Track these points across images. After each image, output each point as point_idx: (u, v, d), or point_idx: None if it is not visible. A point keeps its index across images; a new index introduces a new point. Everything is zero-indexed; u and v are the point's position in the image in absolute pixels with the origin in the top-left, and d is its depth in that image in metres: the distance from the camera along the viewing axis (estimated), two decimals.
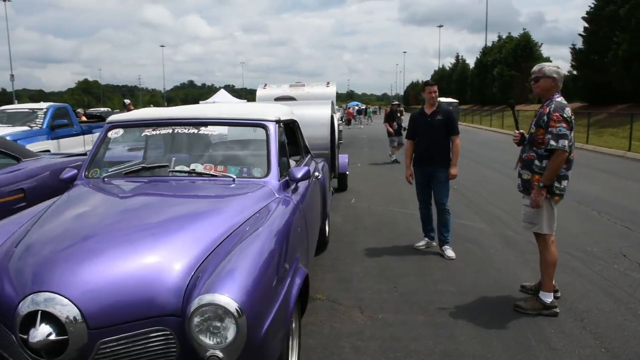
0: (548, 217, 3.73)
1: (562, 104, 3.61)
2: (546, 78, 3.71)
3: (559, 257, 4.92)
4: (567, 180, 3.71)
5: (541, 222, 3.74)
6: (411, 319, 3.63)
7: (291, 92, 10.46)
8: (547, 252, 3.78)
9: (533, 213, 3.75)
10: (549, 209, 3.72)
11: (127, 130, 3.59)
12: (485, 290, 4.19)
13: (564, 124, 3.51)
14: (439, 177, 5.14)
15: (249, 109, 3.69)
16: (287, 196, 3.11)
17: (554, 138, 3.50)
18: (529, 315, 3.67)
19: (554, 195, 3.68)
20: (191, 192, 2.99)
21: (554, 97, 3.69)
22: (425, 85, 5.17)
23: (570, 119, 3.59)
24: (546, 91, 3.73)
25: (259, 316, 1.96)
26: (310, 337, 3.36)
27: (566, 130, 3.50)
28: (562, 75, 3.76)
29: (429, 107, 5.21)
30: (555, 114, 3.54)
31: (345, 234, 6.08)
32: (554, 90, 3.71)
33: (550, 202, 3.71)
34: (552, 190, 3.66)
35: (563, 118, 3.52)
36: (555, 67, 3.75)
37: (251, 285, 1.97)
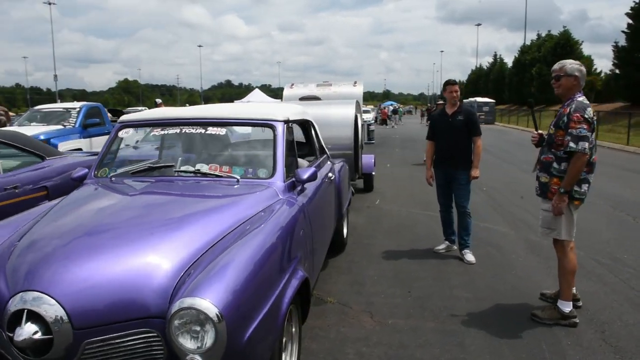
0: (567, 222, 3.56)
1: (583, 104, 3.44)
2: (568, 77, 3.54)
3: (585, 264, 4.75)
4: (588, 184, 3.53)
5: (559, 228, 3.57)
6: (421, 325, 3.53)
7: (318, 91, 10.41)
8: (565, 259, 3.60)
9: (551, 218, 3.59)
10: (568, 214, 3.54)
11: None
12: (503, 297, 4.04)
13: (584, 125, 3.33)
14: (459, 179, 5.00)
15: (257, 109, 3.66)
16: (292, 197, 3.07)
17: (573, 140, 3.33)
18: (545, 325, 3.51)
19: (574, 199, 3.51)
20: (193, 192, 2.98)
21: (575, 96, 3.52)
22: (446, 85, 5.03)
23: (592, 120, 3.41)
24: (568, 90, 3.55)
25: (241, 322, 1.92)
26: (314, 342, 3.31)
27: (587, 132, 3.33)
28: (585, 73, 3.57)
29: (450, 107, 5.07)
30: (576, 114, 3.37)
31: (365, 235, 6.00)
32: (576, 89, 3.54)
33: (569, 207, 3.53)
34: (572, 194, 3.48)
35: (584, 119, 3.35)
36: (577, 65, 3.57)
37: (235, 290, 1.93)
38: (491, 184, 9.66)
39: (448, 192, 5.15)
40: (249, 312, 1.98)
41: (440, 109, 5.26)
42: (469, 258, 4.93)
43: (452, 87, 4.96)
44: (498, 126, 35.67)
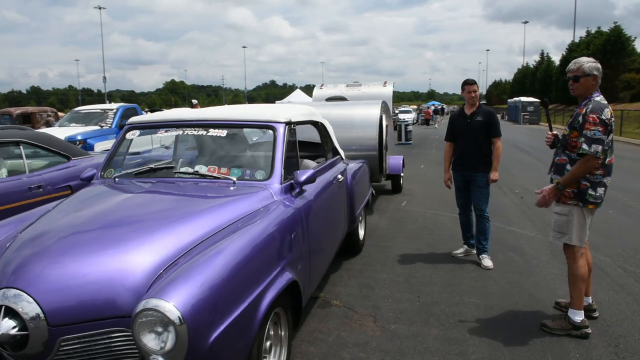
0: (579, 227, 3.40)
1: (600, 105, 3.27)
2: (587, 77, 3.36)
3: (610, 271, 4.53)
4: (604, 188, 3.37)
5: (571, 233, 3.42)
6: (424, 332, 3.44)
7: (347, 92, 10.36)
8: (575, 266, 3.44)
9: (563, 222, 3.45)
10: (580, 218, 3.39)
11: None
12: (515, 305, 3.89)
13: (600, 127, 3.17)
14: (477, 182, 4.85)
15: (259, 110, 3.67)
16: (288, 199, 3.05)
17: (587, 142, 3.18)
18: (555, 335, 3.36)
19: (587, 203, 3.35)
20: (187, 194, 3.02)
21: (593, 96, 3.35)
22: (464, 84, 4.89)
23: (609, 122, 3.24)
24: (586, 90, 3.38)
25: (206, 325, 1.92)
26: (312, 345, 3.29)
27: (602, 135, 3.17)
28: (602, 72, 3.40)
29: (469, 108, 4.93)
30: (592, 115, 3.21)
31: (384, 238, 5.92)
32: (594, 88, 3.37)
33: (582, 211, 3.38)
34: (585, 197, 3.33)
35: (600, 121, 3.18)
36: (594, 63, 3.39)
37: (202, 293, 1.94)
38: (524, 186, 9.35)
39: (467, 195, 5.02)
40: (216, 315, 1.99)
41: (459, 109, 5.13)
42: (486, 263, 4.78)
43: (470, 87, 4.83)
44: (542, 126, 34.44)
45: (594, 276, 4.44)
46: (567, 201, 3.42)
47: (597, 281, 4.34)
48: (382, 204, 8.04)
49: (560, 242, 3.54)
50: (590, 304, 3.65)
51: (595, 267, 4.69)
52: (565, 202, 3.43)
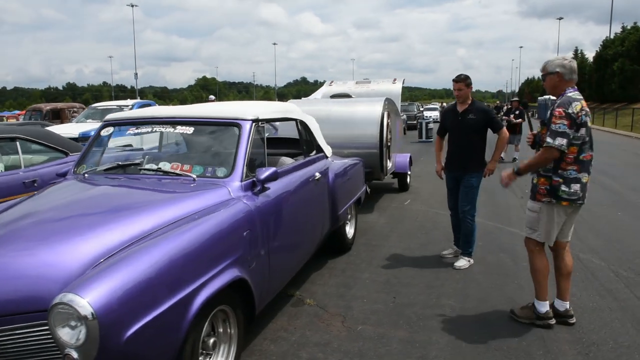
0: (547, 224, 3.37)
1: (570, 99, 3.24)
2: (550, 75, 3.39)
3: (601, 276, 4.38)
4: (580, 185, 3.30)
5: (540, 229, 3.40)
6: (390, 334, 3.38)
7: (356, 89, 10.26)
8: (533, 259, 3.52)
9: (534, 218, 3.43)
10: (550, 215, 3.34)
11: None
12: (492, 308, 3.78)
13: (565, 120, 3.16)
14: (465, 182, 4.72)
15: (227, 107, 3.66)
16: (247, 197, 3.04)
17: (551, 135, 3.19)
18: (522, 341, 3.25)
19: (560, 200, 3.29)
20: (145, 190, 3.04)
21: (566, 91, 3.33)
22: (453, 81, 4.75)
23: (576, 116, 3.19)
24: (554, 88, 3.41)
25: (122, 321, 1.93)
26: (274, 343, 3.28)
27: (567, 128, 3.15)
28: (571, 67, 3.35)
29: (460, 105, 4.78)
30: (558, 109, 3.22)
31: (377, 236, 5.85)
32: (563, 85, 3.36)
33: (554, 208, 3.32)
34: (558, 194, 3.28)
35: (566, 114, 3.17)
36: (559, 60, 3.39)
37: (120, 289, 1.95)
38: None
39: (456, 197, 4.90)
40: (135, 311, 1.99)
41: (451, 105, 4.98)
42: (458, 263, 4.71)
43: (454, 85, 4.70)
44: None
45: (583, 280, 4.30)
46: (541, 198, 3.38)
47: (585, 285, 4.19)
48: (384, 202, 7.96)
49: (531, 237, 3.50)
50: (567, 309, 3.53)
51: (587, 271, 4.54)
52: (539, 200, 3.39)
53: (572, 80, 3.36)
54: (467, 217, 4.75)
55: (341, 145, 7.27)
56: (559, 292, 3.56)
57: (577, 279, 4.33)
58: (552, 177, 3.32)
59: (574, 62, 3.40)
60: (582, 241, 5.49)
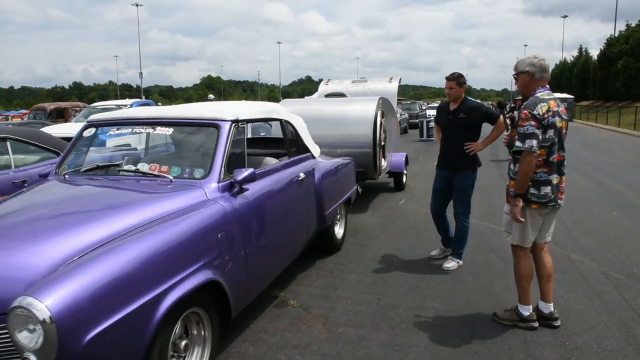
0: (520, 228, 3.33)
1: (536, 100, 3.20)
2: (521, 74, 3.34)
3: (590, 278, 4.34)
4: (551, 187, 3.25)
5: (514, 232, 3.38)
6: (370, 336, 3.35)
7: (353, 88, 10.22)
8: (517, 264, 3.47)
9: (508, 221, 3.41)
10: (522, 218, 3.28)
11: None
12: (477, 310, 3.73)
13: (532, 122, 3.12)
14: (458, 183, 4.64)
15: (207, 108, 3.64)
16: (224, 198, 3.01)
17: (520, 138, 3.14)
18: (504, 345, 3.21)
19: (530, 203, 3.25)
20: (121, 191, 3.02)
21: (536, 92, 3.29)
22: (445, 79, 4.70)
23: (543, 117, 3.14)
24: (525, 87, 3.36)
25: (81, 325, 1.91)
26: (253, 345, 3.25)
27: (535, 129, 3.11)
28: (542, 65, 3.29)
29: (452, 104, 4.71)
30: (524, 111, 3.18)
31: (368, 237, 5.81)
32: (534, 84, 3.31)
33: (525, 211, 3.28)
34: (527, 197, 3.24)
35: (532, 115, 3.13)
36: (529, 59, 3.33)
37: (81, 292, 1.94)
38: None
39: (442, 199, 4.84)
40: (96, 314, 1.97)
41: (446, 102, 4.86)
42: (447, 264, 4.66)
43: (446, 83, 4.63)
44: (576, 123, 33.23)
45: (572, 282, 4.25)
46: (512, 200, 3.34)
47: (573, 287, 4.14)
48: (379, 201, 7.92)
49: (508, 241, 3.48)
50: (551, 312, 3.48)
51: (577, 273, 4.49)
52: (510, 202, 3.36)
53: (543, 79, 3.31)
54: (461, 218, 4.68)
55: (335, 144, 7.24)
56: (542, 294, 3.52)
57: (566, 280, 4.29)
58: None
59: (545, 61, 3.34)
60: (575, 242, 5.44)
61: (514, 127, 3.38)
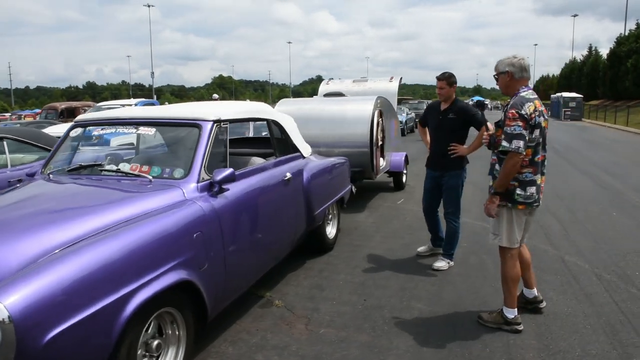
0: (508, 228, 3.30)
1: (523, 99, 3.16)
2: (501, 74, 3.33)
3: (581, 279, 4.29)
4: (535, 187, 3.24)
5: (501, 234, 3.33)
6: (351, 338, 3.32)
7: (353, 87, 10.18)
8: (505, 266, 3.40)
9: (495, 222, 3.36)
10: (509, 219, 3.28)
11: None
12: (463, 312, 3.69)
13: (520, 122, 3.08)
14: (447, 183, 4.62)
15: (190, 108, 3.64)
16: (203, 198, 3.01)
17: (507, 138, 3.10)
18: (486, 348, 3.17)
19: (516, 203, 3.23)
20: (100, 191, 3.03)
21: (520, 91, 3.25)
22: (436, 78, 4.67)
23: (530, 116, 3.11)
24: (506, 88, 3.34)
25: (42, 325, 1.91)
26: (233, 345, 3.24)
27: (522, 130, 3.07)
28: (522, 65, 3.26)
29: (442, 104, 4.68)
30: (511, 111, 3.14)
31: (362, 236, 5.78)
32: (515, 84, 3.28)
33: (512, 212, 3.26)
34: (514, 197, 3.22)
35: (519, 115, 3.09)
36: (509, 59, 3.30)
37: (43, 292, 1.94)
38: None
39: (432, 198, 4.81)
40: (58, 314, 1.96)
41: (437, 102, 4.84)
42: (437, 264, 4.63)
43: (437, 83, 4.60)
44: (585, 123, 32.89)
45: (563, 284, 4.20)
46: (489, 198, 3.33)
47: (563, 289, 4.08)
48: (377, 200, 7.88)
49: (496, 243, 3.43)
50: (536, 296, 3.63)
51: (569, 274, 4.43)
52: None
53: (523, 78, 3.28)
54: (450, 218, 4.66)
55: (332, 144, 7.23)
56: (525, 282, 3.61)
57: (557, 282, 4.24)
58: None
59: (525, 61, 3.32)
60: (571, 242, 5.37)
61: (499, 126, 3.35)
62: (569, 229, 5.95)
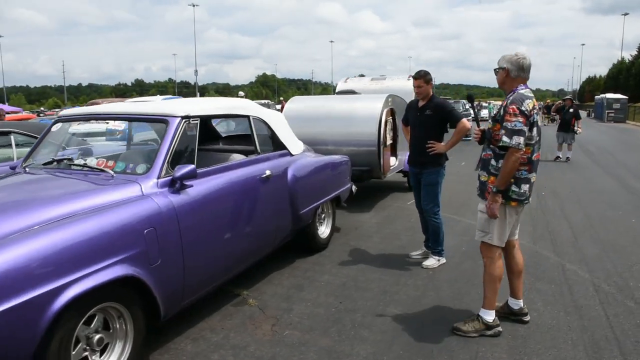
0: (500, 226, 3.21)
1: (523, 96, 3.10)
2: (500, 70, 3.25)
3: (577, 290, 4.09)
4: (529, 185, 3.18)
5: (492, 232, 3.22)
6: (313, 341, 3.23)
7: (371, 85, 9.99)
8: (492, 266, 3.28)
9: (485, 220, 3.25)
10: (501, 218, 3.19)
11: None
12: (441, 320, 3.53)
13: (520, 118, 3.01)
14: (425, 179, 4.59)
15: (160, 104, 3.63)
16: (162, 194, 2.99)
17: (507, 134, 3.02)
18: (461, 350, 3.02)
19: (510, 200, 3.16)
20: (60, 185, 3.06)
21: (518, 88, 3.18)
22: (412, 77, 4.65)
23: (530, 113, 3.05)
24: (502, 84, 3.27)
25: None
26: (193, 343, 3.22)
27: (523, 126, 3.01)
28: (520, 64, 3.17)
29: (421, 101, 4.67)
30: (512, 106, 3.06)
31: (360, 237, 5.66)
32: (511, 82, 3.21)
33: (505, 208, 3.18)
34: (508, 194, 3.14)
35: (520, 112, 3.02)
36: (509, 56, 3.21)
37: None
38: (555, 188, 8.56)
39: (418, 195, 4.79)
40: None
41: (416, 100, 4.79)
42: (427, 262, 4.57)
43: (414, 82, 4.60)
44: (629, 125, 31.31)
45: (554, 294, 3.97)
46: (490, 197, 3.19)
47: (554, 300, 3.85)
48: (387, 201, 7.73)
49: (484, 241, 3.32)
50: (521, 308, 3.46)
51: (564, 284, 4.19)
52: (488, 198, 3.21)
53: (520, 77, 3.20)
54: (430, 215, 4.60)
55: (340, 142, 7.13)
56: (513, 291, 3.45)
57: (549, 292, 4.01)
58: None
59: (525, 60, 3.20)
60: (577, 250, 5.08)
61: (496, 121, 3.22)
62: (579, 235, 5.64)
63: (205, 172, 3.41)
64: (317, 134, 7.30)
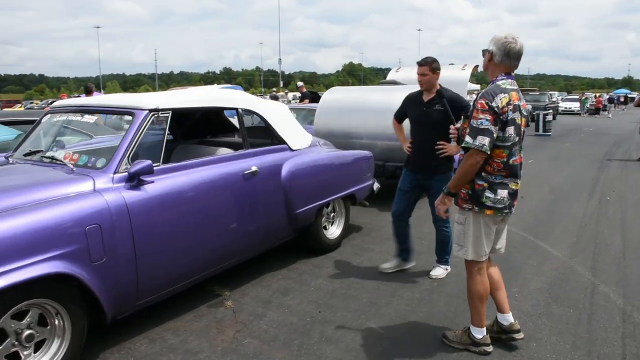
0: (474, 238, 2.82)
1: (497, 89, 2.65)
2: (485, 52, 2.80)
3: (598, 320, 3.47)
4: (509, 192, 2.72)
5: (467, 245, 2.84)
6: (268, 354, 3.00)
7: None
8: (471, 281, 2.96)
9: (460, 232, 2.87)
10: (476, 228, 2.79)
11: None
12: (417, 337, 3.18)
13: (488, 115, 2.59)
14: (433, 189, 3.96)
15: (131, 97, 3.54)
16: (116, 190, 2.90)
17: (471, 132, 2.63)
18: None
19: (484, 207, 2.73)
20: (22, 176, 3.08)
21: (497, 79, 2.72)
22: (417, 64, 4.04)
23: (502, 111, 2.61)
24: (486, 69, 2.82)
25: None
26: (149, 344, 3.13)
27: (490, 125, 2.58)
28: (506, 49, 2.68)
29: (425, 94, 4.05)
30: (480, 101, 2.63)
31: (376, 239, 5.31)
32: (493, 68, 2.76)
33: (479, 218, 2.77)
34: (481, 200, 2.71)
35: (489, 108, 2.60)
36: (497, 37, 2.73)
37: None
38: (625, 193, 7.60)
39: (408, 201, 4.20)
40: None
41: (416, 93, 4.19)
42: (435, 272, 4.17)
43: (418, 69, 3.98)
44: None
45: (568, 322, 3.44)
46: (462, 204, 2.83)
47: (566, 328, 3.32)
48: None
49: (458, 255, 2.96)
50: (512, 323, 3.03)
51: (588, 309, 3.65)
52: (462, 206, 2.84)
53: (504, 64, 2.72)
54: (442, 226, 4.14)
55: (375, 136, 6.80)
56: (498, 305, 3.06)
57: (562, 318, 3.46)
58: (475, 181, 2.74)
59: (515, 45, 2.70)
60: (620, 269, 4.37)
61: (467, 118, 2.81)
62: (630, 252, 4.90)
63: (172, 168, 3.28)
64: (350, 127, 6.99)
